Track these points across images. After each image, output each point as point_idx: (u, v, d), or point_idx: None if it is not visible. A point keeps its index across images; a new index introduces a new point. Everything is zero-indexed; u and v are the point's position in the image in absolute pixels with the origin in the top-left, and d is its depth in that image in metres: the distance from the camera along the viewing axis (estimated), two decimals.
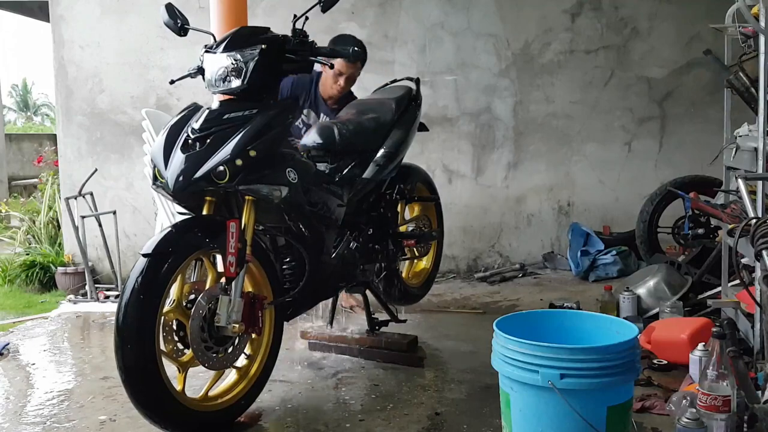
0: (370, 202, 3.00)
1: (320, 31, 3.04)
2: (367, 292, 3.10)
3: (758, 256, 1.98)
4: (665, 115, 5.02)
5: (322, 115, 3.47)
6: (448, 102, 4.92)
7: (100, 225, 4.45)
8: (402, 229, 3.29)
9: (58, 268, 4.78)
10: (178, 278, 2.15)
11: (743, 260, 2.50)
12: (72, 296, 4.37)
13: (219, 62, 2.30)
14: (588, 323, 2.05)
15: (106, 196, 4.80)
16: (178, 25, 2.50)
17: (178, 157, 2.20)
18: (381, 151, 2.93)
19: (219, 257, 2.27)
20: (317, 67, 2.61)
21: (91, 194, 4.50)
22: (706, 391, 1.96)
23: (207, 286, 2.23)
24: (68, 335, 3.61)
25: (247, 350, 2.39)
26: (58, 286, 4.75)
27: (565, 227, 4.93)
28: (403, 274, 3.42)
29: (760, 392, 2.06)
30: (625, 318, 3.15)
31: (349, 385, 2.74)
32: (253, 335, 2.36)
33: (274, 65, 2.35)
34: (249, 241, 2.24)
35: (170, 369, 2.14)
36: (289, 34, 2.37)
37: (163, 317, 2.11)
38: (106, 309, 4.03)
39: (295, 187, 2.36)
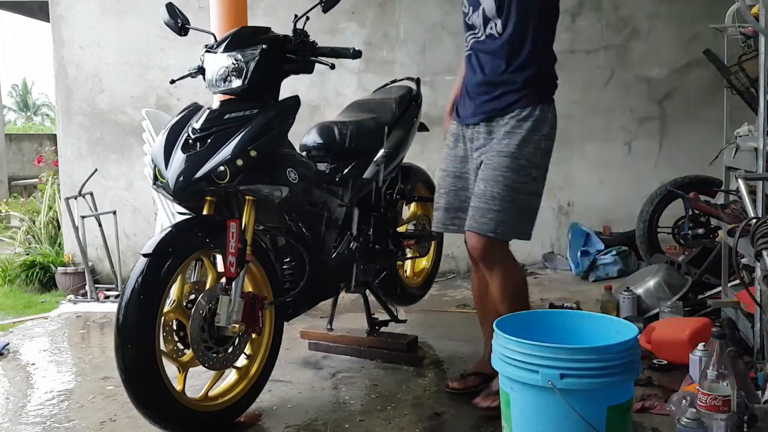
0: (370, 202, 3.00)
1: (321, 31, 3.05)
2: (367, 292, 3.10)
3: (758, 256, 1.99)
4: (665, 115, 5.02)
5: None
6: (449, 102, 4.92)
7: (100, 225, 4.46)
8: (402, 229, 3.29)
9: (58, 268, 4.78)
10: (179, 278, 2.15)
11: (743, 260, 2.50)
12: (72, 296, 4.37)
13: (220, 62, 2.30)
14: (588, 323, 2.05)
15: (106, 196, 4.80)
16: (179, 24, 2.50)
17: (178, 157, 2.20)
18: (381, 151, 2.93)
19: (219, 257, 2.27)
20: None
21: (91, 194, 4.50)
22: (706, 391, 1.96)
23: (207, 286, 2.23)
24: (68, 335, 3.61)
25: (247, 350, 2.39)
26: (58, 286, 4.75)
27: (565, 227, 4.93)
28: (403, 274, 3.42)
29: (760, 392, 2.06)
30: (625, 318, 3.15)
31: (349, 385, 2.74)
32: (253, 335, 2.36)
33: (274, 65, 2.35)
34: (249, 241, 2.24)
35: (170, 369, 2.14)
36: (290, 34, 2.37)
37: (163, 317, 2.11)
38: (106, 309, 4.03)
39: (296, 187, 2.36)
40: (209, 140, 2.21)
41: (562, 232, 4.98)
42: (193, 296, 2.22)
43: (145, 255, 2.10)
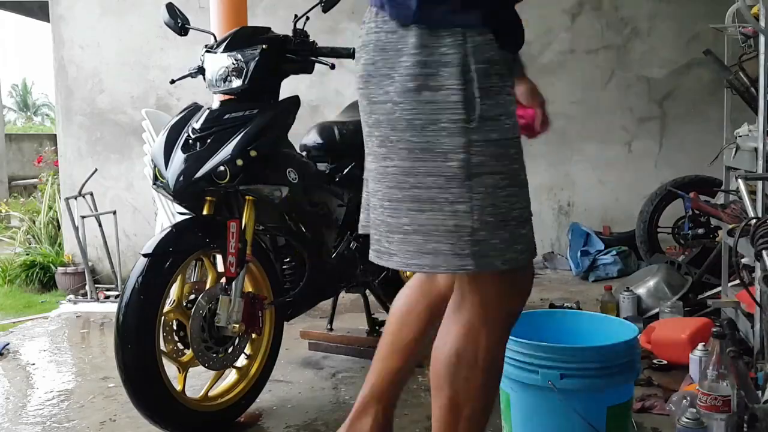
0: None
1: (321, 31, 3.04)
2: (367, 292, 3.10)
3: (758, 256, 1.98)
4: (665, 115, 5.02)
5: None
6: None
7: (100, 225, 4.46)
8: None
9: (58, 268, 4.78)
10: (178, 278, 2.15)
11: (743, 260, 2.50)
12: (72, 296, 4.37)
13: (220, 62, 2.30)
14: (588, 323, 2.05)
15: (106, 196, 4.80)
16: (179, 24, 2.50)
17: (178, 157, 2.20)
18: None
19: (219, 257, 2.27)
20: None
21: (91, 194, 4.50)
22: (706, 391, 1.96)
23: (207, 286, 2.23)
24: (68, 335, 3.61)
25: (247, 350, 2.39)
26: (58, 286, 4.75)
27: (565, 227, 4.93)
28: (403, 274, 3.41)
29: (760, 392, 2.06)
30: (625, 318, 3.15)
31: (349, 385, 2.73)
32: (253, 335, 2.36)
33: (274, 65, 2.35)
34: (249, 241, 2.24)
35: (170, 369, 2.14)
36: (290, 34, 2.37)
37: (163, 317, 2.11)
38: (106, 309, 4.02)
39: (296, 187, 2.36)
40: (209, 140, 2.21)
41: (562, 232, 4.98)
42: (193, 296, 2.22)
43: (145, 255, 2.10)
